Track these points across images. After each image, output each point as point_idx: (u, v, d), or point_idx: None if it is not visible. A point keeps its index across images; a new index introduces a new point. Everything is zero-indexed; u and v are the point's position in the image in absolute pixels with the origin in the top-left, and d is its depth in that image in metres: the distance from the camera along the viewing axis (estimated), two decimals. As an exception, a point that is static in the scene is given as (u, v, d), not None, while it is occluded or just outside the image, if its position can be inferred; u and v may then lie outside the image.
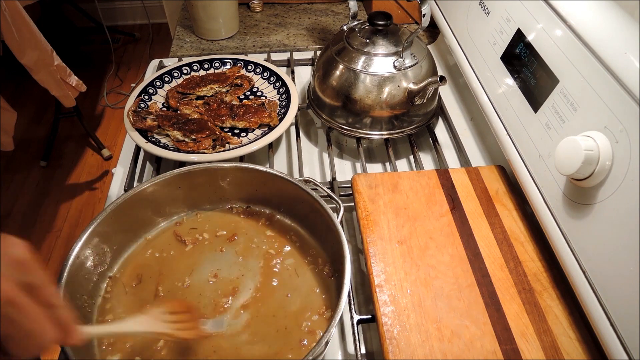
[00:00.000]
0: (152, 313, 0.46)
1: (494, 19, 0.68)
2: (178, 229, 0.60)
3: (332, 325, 0.43)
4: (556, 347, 0.48)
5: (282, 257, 0.57)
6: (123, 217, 0.55)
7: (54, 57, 1.17)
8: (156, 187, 0.57)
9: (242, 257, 0.57)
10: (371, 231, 0.57)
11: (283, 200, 0.60)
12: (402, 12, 1.07)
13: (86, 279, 0.52)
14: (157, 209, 0.59)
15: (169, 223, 0.61)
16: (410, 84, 0.71)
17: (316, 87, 0.77)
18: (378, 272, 0.53)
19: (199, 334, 0.48)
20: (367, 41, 0.72)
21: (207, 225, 0.60)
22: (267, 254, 0.57)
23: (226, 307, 0.52)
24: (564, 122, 0.51)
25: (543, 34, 0.57)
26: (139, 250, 0.58)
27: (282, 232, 0.60)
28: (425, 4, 0.67)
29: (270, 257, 0.57)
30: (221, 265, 0.56)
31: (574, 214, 0.48)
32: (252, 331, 0.50)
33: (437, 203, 0.61)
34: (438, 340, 0.48)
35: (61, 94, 1.22)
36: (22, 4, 1.07)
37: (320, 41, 1.02)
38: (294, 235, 0.59)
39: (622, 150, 0.42)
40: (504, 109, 0.64)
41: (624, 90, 0.43)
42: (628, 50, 0.45)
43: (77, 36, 2.59)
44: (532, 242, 0.57)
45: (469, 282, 0.53)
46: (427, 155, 0.78)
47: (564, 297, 0.51)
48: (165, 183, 0.57)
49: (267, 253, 0.58)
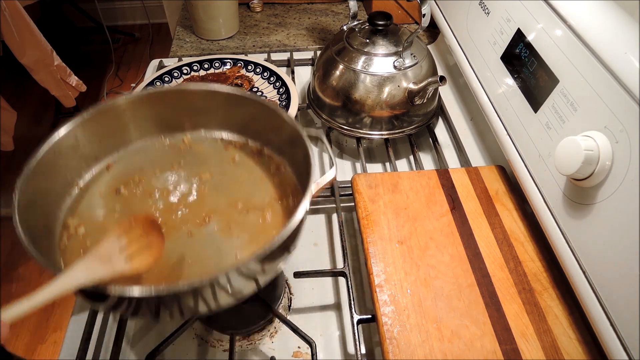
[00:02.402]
0: (103, 249, 0.38)
1: (494, 19, 0.68)
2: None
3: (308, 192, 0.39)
4: (556, 347, 0.48)
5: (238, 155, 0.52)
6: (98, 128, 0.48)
7: (54, 57, 1.17)
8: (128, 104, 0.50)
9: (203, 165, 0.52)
10: (371, 231, 0.57)
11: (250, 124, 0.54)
12: (402, 12, 1.07)
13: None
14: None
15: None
16: (410, 84, 0.71)
17: (316, 87, 0.77)
18: (378, 272, 0.53)
19: (160, 251, 0.41)
20: (367, 41, 0.72)
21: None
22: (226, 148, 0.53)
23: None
24: (564, 122, 0.51)
25: (543, 34, 0.57)
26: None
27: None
28: (425, 4, 0.67)
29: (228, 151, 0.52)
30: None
31: (574, 214, 0.48)
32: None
33: (437, 203, 0.61)
34: (438, 340, 0.48)
35: (61, 94, 1.22)
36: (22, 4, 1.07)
37: (320, 41, 1.02)
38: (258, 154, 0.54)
39: (622, 150, 0.42)
40: (504, 109, 0.64)
41: (624, 90, 0.43)
42: (628, 50, 0.45)
43: (77, 36, 2.59)
44: (532, 242, 0.57)
45: (469, 282, 0.53)
46: (427, 155, 0.78)
47: (564, 297, 0.51)
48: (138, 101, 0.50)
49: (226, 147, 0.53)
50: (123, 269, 0.37)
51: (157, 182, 0.52)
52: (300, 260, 0.63)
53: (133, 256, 0.39)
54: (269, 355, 0.53)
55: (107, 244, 0.38)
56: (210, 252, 0.45)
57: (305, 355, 0.53)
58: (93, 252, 0.37)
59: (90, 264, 0.36)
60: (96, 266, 0.36)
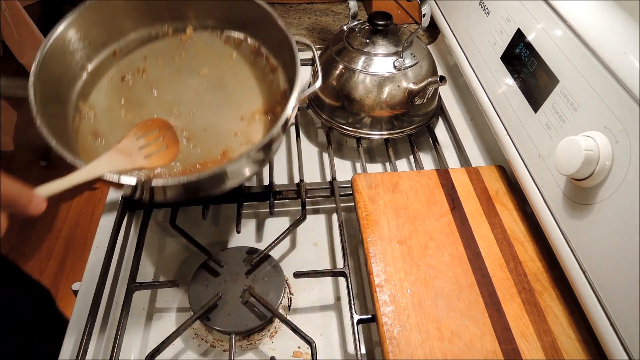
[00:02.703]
0: (124, 145, 0.45)
1: (494, 19, 0.68)
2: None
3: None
4: (556, 347, 0.48)
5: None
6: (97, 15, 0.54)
7: (54, 57, 1.16)
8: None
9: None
10: (371, 231, 0.57)
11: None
12: (402, 12, 1.07)
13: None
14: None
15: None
16: (410, 84, 0.71)
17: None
18: (378, 272, 0.53)
19: (175, 153, 0.49)
20: (367, 41, 0.72)
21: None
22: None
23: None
24: (564, 122, 0.51)
25: (543, 34, 0.57)
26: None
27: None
28: (425, 4, 0.67)
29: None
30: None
31: (574, 214, 0.48)
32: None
33: (437, 203, 0.61)
34: (438, 340, 0.48)
35: (61, 94, 1.22)
36: (22, 4, 1.07)
37: (320, 41, 1.02)
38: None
39: (622, 150, 0.42)
40: (504, 109, 0.64)
41: (624, 90, 0.43)
42: (628, 50, 0.45)
43: (77, 36, 2.59)
44: (532, 242, 0.57)
45: (469, 282, 0.53)
46: (427, 155, 0.78)
47: (564, 297, 0.51)
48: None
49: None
50: (142, 164, 0.46)
51: (159, 72, 0.56)
52: (300, 260, 0.63)
53: (152, 155, 0.47)
54: (269, 355, 0.53)
55: (128, 142, 0.46)
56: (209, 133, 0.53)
57: (305, 355, 0.53)
58: (116, 147, 0.44)
59: (114, 157, 0.44)
60: (119, 159, 0.44)
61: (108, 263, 0.59)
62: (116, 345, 0.51)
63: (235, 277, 0.57)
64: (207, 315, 0.53)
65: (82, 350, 0.50)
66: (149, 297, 0.59)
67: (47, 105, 0.46)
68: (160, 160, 0.48)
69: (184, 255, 0.64)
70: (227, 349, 0.54)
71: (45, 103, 0.46)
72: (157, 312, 0.58)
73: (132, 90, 0.55)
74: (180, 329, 0.51)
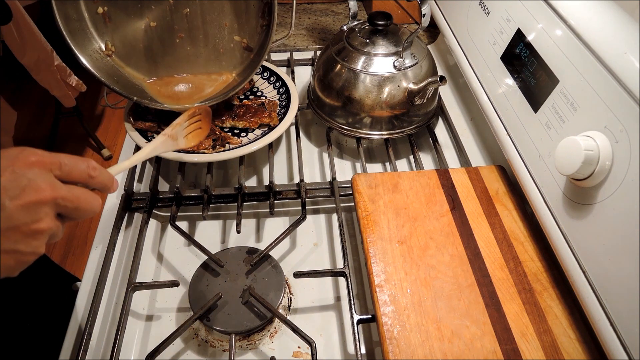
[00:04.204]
0: (175, 132, 0.56)
1: (494, 19, 0.68)
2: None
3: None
4: (556, 347, 0.48)
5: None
6: None
7: (54, 57, 1.17)
8: None
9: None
10: (371, 231, 0.57)
11: None
12: (402, 12, 1.07)
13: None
14: None
15: None
16: (410, 84, 0.71)
17: (316, 87, 0.78)
18: (378, 272, 0.53)
19: (206, 132, 0.62)
20: (367, 41, 0.72)
21: None
22: None
23: None
24: (564, 122, 0.51)
25: (543, 34, 0.57)
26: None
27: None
28: (425, 4, 0.67)
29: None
30: None
31: (574, 214, 0.48)
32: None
33: (437, 203, 0.61)
34: (438, 340, 0.48)
35: (61, 94, 1.22)
36: (22, 4, 1.07)
37: (320, 41, 1.02)
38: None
39: (622, 150, 0.42)
40: (504, 109, 0.64)
41: (624, 90, 0.43)
42: (628, 50, 0.45)
43: (77, 36, 2.58)
44: (532, 242, 0.57)
45: (469, 282, 0.53)
46: (427, 155, 0.78)
47: (564, 297, 0.51)
48: None
49: None
50: (180, 145, 0.58)
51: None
52: (300, 260, 0.63)
53: (189, 136, 0.60)
54: (269, 355, 0.53)
55: (178, 128, 0.57)
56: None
57: (305, 355, 0.53)
58: (169, 133, 0.56)
59: (165, 141, 0.55)
60: (168, 143, 0.56)
61: (108, 263, 0.59)
62: (116, 345, 0.51)
63: (235, 277, 0.57)
64: (207, 315, 0.53)
65: (82, 350, 0.50)
66: (149, 297, 0.59)
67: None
68: (194, 140, 0.60)
69: (184, 255, 0.64)
70: (227, 349, 0.54)
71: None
72: (157, 312, 0.58)
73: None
74: (180, 329, 0.51)
